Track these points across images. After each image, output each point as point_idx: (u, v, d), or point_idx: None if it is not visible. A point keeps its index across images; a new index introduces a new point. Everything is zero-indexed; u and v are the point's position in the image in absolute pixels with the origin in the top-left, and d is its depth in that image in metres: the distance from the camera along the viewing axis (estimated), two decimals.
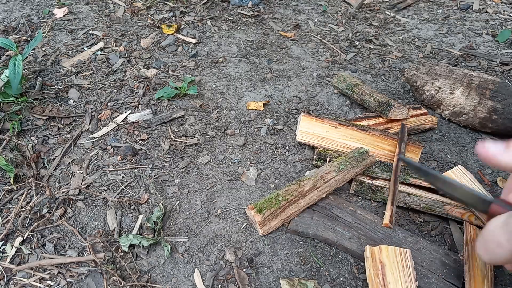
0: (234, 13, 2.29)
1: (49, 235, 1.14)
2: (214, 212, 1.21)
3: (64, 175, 1.32)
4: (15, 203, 1.22)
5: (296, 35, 2.12)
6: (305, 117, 1.36)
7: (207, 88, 1.71)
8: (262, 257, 1.09)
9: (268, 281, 1.04)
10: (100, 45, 1.92)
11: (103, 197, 1.24)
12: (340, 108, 1.62)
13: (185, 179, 1.31)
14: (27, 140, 1.43)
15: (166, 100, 1.62)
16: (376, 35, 2.14)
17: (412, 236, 1.10)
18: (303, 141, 1.36)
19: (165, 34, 2.04)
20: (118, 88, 1.68)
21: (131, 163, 1.36)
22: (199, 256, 1.10)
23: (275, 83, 1.76)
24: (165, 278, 1.05)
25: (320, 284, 1.03)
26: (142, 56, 1.88)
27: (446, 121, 1.56)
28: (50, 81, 1.70)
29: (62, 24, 2.06)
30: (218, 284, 1.03)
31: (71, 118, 1.53)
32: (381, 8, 2.43)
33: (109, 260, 1.06)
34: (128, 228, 1.16)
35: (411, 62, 1.93)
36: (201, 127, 1.51)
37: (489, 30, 2.18)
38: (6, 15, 2.11)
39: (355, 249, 1.06)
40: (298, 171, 1.34)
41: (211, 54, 1.93)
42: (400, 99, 1.68)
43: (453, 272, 1.01)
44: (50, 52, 1.87)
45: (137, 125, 1.50)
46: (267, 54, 1.95)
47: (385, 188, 1.20)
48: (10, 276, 1.05)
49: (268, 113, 1.59)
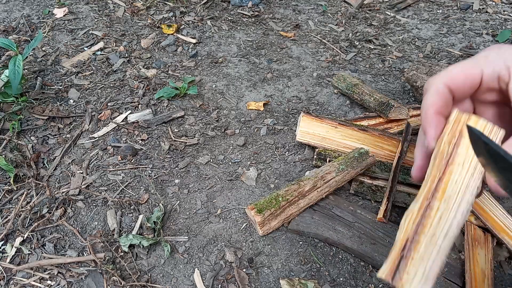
0: (234, 13, 2.29)
1: (49, 235, 1.14)
2: (214, 212, 1.21)
3: (64, 175, 1.32)
4: (15, 203, 1.22)
5: (296, 35, 2.12)
6: (305, 117, 1.36)
7: (207, 88, 1.71)
8: (262, 257, 1.09)
9: (268, 281, 1.04)
10: (100, 45, 1.92)
11: (103, 197, 1.24)
12: (340, 108, 1.62)
13: (185, 179, 1.31)
14: (27, 140, 1.43)
15: (166, 100, 1.62)
16: (376, 35, 2.14)
17: None
18: (303, 141, 1.36)
19: (165, 34, 2.04)
20: (118, 88, 1.68)
21: (131, 163, 1.36)
22: (199, 256, 1.10)
23: (275, 83, 1.76)
24: (165, 278, 1.05)
25: (320, 284, 1.03)
26: (142, 56, 1.88)
27: None
28: (50, 81, 1.70)
29: (62, 24, 2.06)
30: (218, 284, 1.03)
31: (71, 118, 1.53)
32: (381, 8, 2.43)
33: (109, 260, 1.06)
34: (128, 228, 1.16)
35: (411, 62, 1.93)
36: (201, 127, 1.51)
37: (489, 30, 2.18)
38: (6, 15, 2.11)
39: (356, 248, 1.06)
40: (298, 171, 1.34)
41: (211, 54, 1.93)
42: (400, 99, 1.68)
43: (453, 271, 1.01)
44: (50, 52, 1.87)
45: (137, 125, 1.50)
46: (267, 54, 1.95)
47: (385, 188, 1.20)
48: (10, 276, 1.05)
49: (268, 113, 1.59)
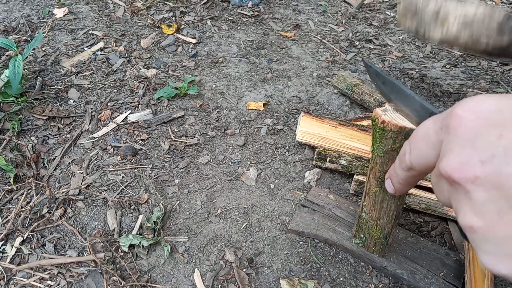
0: (234, 13, 2.29)
1: (49, 235, 1.14)
2: (214, 212, 1.21)
3: (64, 175, 1.32)
4: (15, 203, 1.22)
5: (296, 35, 2.12)
6: (305, 117, 1.36)
7: (207, 88, 1.71)
8: (262, 257, 1.09)
9: (268, 281, 1.04)
10: (100, 45, 1.92)
11: (103, 197, 1.24)
12: (340, 108, 1.62)
13: (185, 179, 1.31)
14: (27, 140, 1.43)
15: (166, 100, 1.62)
16: (376, 35, 2.14)
17: (412, 236, 1.10)
18: (303, 141, 1.36)
19: (165, 34, 2.04)
20: (118, 88, 1.68)
21: (131, 163, 1.36)
22: (199, 256, 1.10)
23: (275, 83, 1.76)
24: (165, 278, 1.05)
25: (320, 284, 1.03)
26: (142, 56, 1.88)
27: None
28: (50, 81, 1.70)
29: (62, 24, 2.06)
30: (218, 284, 1.03)
31: (71, 118, 1.53)
32: (381, 8, 2.43)
33: (109, 260, 1.06)
34: (128, 228, 1.16)
35: (411, 62, 1.93)
36: (201, 127, 1.51)
37: None
38: (6, 15, 2.11)
39: (355, 250, 1.06)
40: (298, 171, 1.34)
41: (211, 54, 1.93)
42: None
43: (453, 273, 1.01)
44: (50, 52, 1.87)
45: (137, 125, 1.50)
46: (267, 54, 1.95)
47: None
48: (10, 276, 1.05)
49: (268, 113, 1.59)
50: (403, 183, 0.42)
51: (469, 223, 0.28)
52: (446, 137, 0.32)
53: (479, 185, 0.27)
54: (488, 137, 0.27)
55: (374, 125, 0.75)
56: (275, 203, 1.23)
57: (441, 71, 1.87)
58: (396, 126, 0.70)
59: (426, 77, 1.81)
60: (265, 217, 1.19)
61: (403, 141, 0.72)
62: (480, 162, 0.27)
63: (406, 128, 0.69)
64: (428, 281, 0.99)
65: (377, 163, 0.81)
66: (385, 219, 0.91)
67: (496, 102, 0.29)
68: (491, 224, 0.27)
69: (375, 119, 0.74)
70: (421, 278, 1.00)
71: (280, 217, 1.19)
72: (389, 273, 1.03)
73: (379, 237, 0.97)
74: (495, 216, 0.27)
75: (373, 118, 0.75)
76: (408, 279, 1.00)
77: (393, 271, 1.01)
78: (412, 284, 0.99)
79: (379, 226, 0.94)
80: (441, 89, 1.74)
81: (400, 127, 0.70)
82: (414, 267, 1.02)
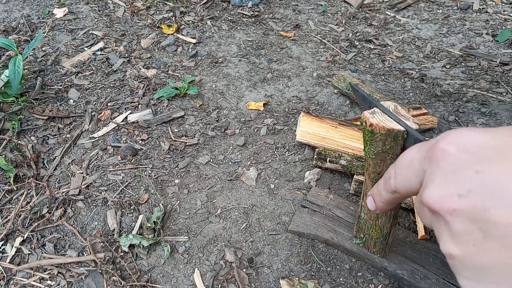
0: (234, 13, 2.29)
1: (49, 235, 1.14)
2: (214, 212, 1.21)
3: (64, 175, 1.32)
4: (15, 203, 1.22)
5: (296, 35, 2.12)
6: (305, 117, 1.36)
7: (207, 88, 1.71)
8: (262, 257, 1.09)
9: (268, 281, 1.04)
10: (100, 45, 1.92)
11: (103, 197, 1.24)
12: (340, 108, 1.62)
13: (185, 179, 1.31)
14: (27, 140, 1.43)
15: (166, 100, 1.62)
16: (376, 35, 2.14)
17: (412, 236, 1.10)
18: (303, 141, 1.36)
19: (165, 34, 2.04)
20: (118, 88, 1.68)
21: (131, 163, 1.36)
22: (199, 256, 1.10)
23: (275, 83, 1.76)
24: (165, 278, 1.05)
25: (320, 284, 1.03)
26: (142, 56, 1.88)
27: (446, 121, 1.56)
28: (50, 81, 1.70)
29: (62, 24, 2.06)
30: (218, 284, 1.03)
31: (71, 118, 1.53)
32: (381, 8, 2.43)
33: (109, 260, 1.06)
34: (128, 228, 1.16)
35: (411, 62, 1.93)
36: (201, 127, 1.51)
37: (489, 30, 2.18)
38: (6, 15, 2.11)
39: (356, 250, 1.06)
40: (298, 171, 1.34)
41: (211, 54, 1.93)
42: (400, 99, 1.68)
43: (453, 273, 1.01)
44: (50, 52, 1.87)
45: (137, 125, 1.50)
46: (267, 54, 1.95)
47: None
48: (10, 276, 1.05)
49: (268, 113, 1.59)
50: (386, 203, 0.44)
51: (448, 251, 0.31)
52: (429, 168, 0.34)
53: (457, 216, 0.29)
54: (467, 172, 0.30)
55: (363, 128, 0.76)
56: (275, 203, 1.23)
57: (441, 71, 1.87)
58: (384, 128, 0.71)
59: (426, 77, 1.81)
60: (265, 217, 1.19)
61: (392, 143, 0.72)
62: (458, 195, 0.29)
63: (394, 130, 0.70)
64: (428, 281, 0.99)
65: (370, 164, 0.82)
66: (383, 219, 0.91)
67: (478, 137, 0.31)
68: (467, 253, 0.29)
69: (364, 122, 0.74)
70: (422, 278, 1.00)
71: (280, 217, 1.19)
72: (389, 273, 1.03)
73: (378, 237, 0.97)
74: (471, 246, 0.29)
75: (361, 121, 0.75)
76: (409, 279, 1.00)
77: (394, 271, 1.01)
78: (413, 284, 0.99)
79: (378, 226, 0.94)
80: (441, 89, 1.74)
81: (388, 129, 0.70)
82: (414, 267, 1.02)
